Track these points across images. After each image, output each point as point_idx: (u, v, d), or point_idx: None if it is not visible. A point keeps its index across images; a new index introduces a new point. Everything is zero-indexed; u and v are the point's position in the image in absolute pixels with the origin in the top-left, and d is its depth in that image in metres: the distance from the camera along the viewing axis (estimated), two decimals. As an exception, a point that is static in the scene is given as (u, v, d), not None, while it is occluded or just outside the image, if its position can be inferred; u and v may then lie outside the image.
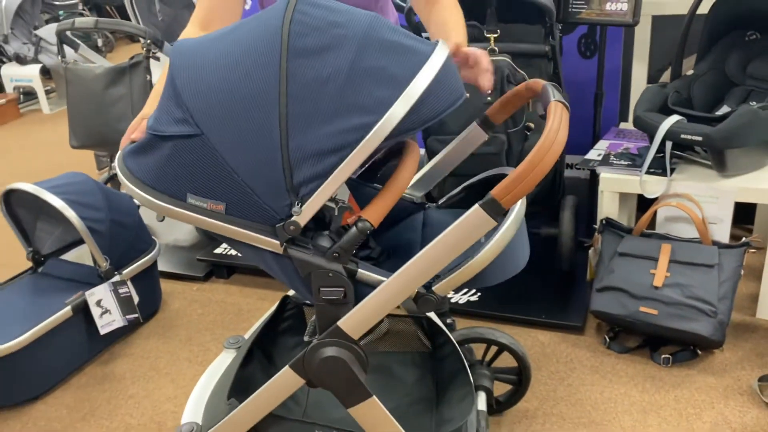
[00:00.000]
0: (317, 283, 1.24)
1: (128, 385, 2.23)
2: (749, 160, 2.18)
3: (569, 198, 2.55)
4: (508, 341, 1.85)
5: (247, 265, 2.80)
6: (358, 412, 1.36)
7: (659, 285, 2.07)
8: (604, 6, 2.37)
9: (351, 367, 1.30)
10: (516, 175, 1.07)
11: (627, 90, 2.91)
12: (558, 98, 1.15)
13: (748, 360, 2.10)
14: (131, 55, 2.71)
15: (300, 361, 1.33)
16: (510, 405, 1.95)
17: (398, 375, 1.76)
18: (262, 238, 1.23)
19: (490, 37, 2.19)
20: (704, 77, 2.41)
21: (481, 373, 1.81)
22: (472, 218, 1.11)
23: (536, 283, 2.51)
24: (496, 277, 1.27)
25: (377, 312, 1.25)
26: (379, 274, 1.25)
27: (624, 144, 2.52)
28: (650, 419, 1.91)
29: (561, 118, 1.09)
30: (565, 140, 1.09)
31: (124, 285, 2.34)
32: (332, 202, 1.28)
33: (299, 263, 1.23)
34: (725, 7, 2.34)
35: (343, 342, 1.29)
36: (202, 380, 1.67)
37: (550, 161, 1.06)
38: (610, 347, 2.20)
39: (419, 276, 1.19)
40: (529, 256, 1.36)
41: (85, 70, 2.70)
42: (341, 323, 1.27)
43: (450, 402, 1.60)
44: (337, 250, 1.21)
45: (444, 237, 1.15)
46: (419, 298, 1.24)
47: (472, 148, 1.55)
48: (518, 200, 1.11)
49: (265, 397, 1.39)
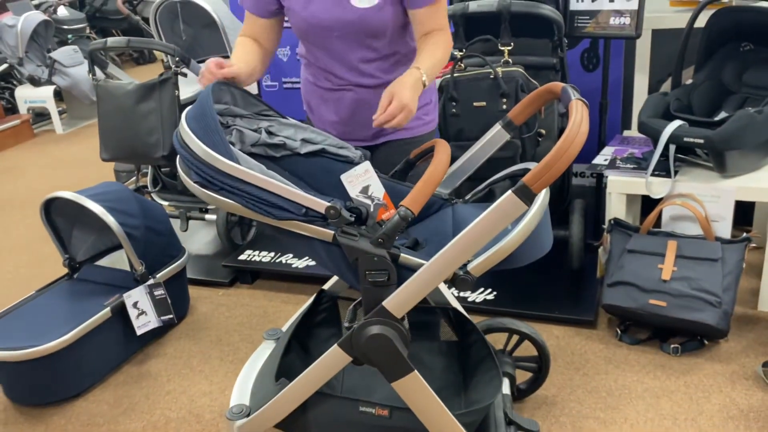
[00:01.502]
0: (364, 267, 1.38)
1: (164, 383, 2.35)
2: (747, 162, 2.34)
3: (577, 202, 2.70)
4: (529, 331, 1.98)
5: (271, 269, 2.92)
6: (401, 386, 1.48)
7: (667, 278, 2.20)
8: (608, 20, 2.54)
9: (395, 343, 1.43)
10: (545, 162, 1.21)
11: (629, 100, 3.06)
12: (578, 97, 1.29)
13: (752, 348, 2.23)
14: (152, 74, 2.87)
15: (348, 340, 1.46)
16: (530, 392, 2.07)
17: (427, 363, 1.88)
18: (314, 228, 1.37)
19: (504, 50, 2.35)
20: (703, 86, 2.56)
21: (504, 361, 1.94)
22: (506, 203, 1.25)
23: (549, 281, 2.65)
24: (525, 258, 1.40)
25: (419, 292, 1.39)
26: (420, 258, 1.38)
27: (629, 150, 2.67)
28: (662, 403, 2.03)
29: (582, 114, 1.24)
30: (587, 132, 1.23)
31: (159, 287, 2.46)
32: (368, 199, 1.43)
33: (348, 249, 1.37)
34: (721, 21, 2.50)
35: (388, 321, 1.42)
36: (245, 367, 1.79)
37: (575, 150, 1.20)
38: (621, 339, 2.33)
39: (458, 257, 1.33)
40: (552, 240, 1.49)
41: (116, 86, 2.84)
42: (386, 303, 1.41)
43: (477, 385, 1.72)
44: (381, 236, 1.35)
45: (480, 221, 1.28)
46: (456, 278, 1.37)
47: (495, 147, 1.69)
48: (547, 186, 1.24)
49: (314, 375, 1.52)
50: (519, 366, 2.02)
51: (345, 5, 1.73)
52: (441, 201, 1.73)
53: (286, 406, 1.56)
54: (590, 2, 2.58)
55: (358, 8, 1.73)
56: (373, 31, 1.77)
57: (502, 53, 2.35)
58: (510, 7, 2.32)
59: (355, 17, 1.74)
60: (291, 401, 1.55)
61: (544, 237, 1.45)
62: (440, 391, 1.78)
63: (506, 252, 1.34)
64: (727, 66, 2.59)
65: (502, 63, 2.32)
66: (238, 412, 1.62)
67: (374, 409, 1.55)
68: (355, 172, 1.45)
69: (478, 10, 2.38)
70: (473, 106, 2.31)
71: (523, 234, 1.34)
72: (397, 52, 1.85)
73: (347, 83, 1.87)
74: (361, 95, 1.87)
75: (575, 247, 2.61)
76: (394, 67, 1.86)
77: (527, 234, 1.34)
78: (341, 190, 1.47)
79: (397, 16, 1.77)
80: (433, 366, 1.88)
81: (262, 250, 3.04)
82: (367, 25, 1.75)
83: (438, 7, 1.76)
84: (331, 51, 1.83)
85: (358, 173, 1.45)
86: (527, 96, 1.60)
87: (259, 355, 1.83)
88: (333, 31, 1.78)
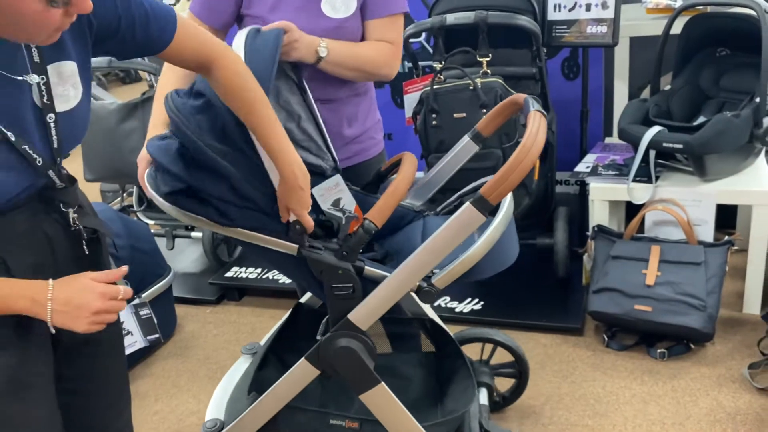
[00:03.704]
0: (329, 280, 1.39)
1: (152, 403, 2.33)
2: (727, 165, 2.36)
3: (561, 209, 2.72)
4: (501, 338, 1.98)
5: (258, 286, 2.91)
6: (368, 398, 1.49)
7: (651, 283, 2.21)
8: (585, 29, 2.57)
9: (361, 355, 1.44)
10: (501, 174, 1.21)
11: (610, 107, 3.09)
12: (537, 108, 1.30)
13: (738, 351, 2.24)
14: (137, 93, 2.87)
15: (315, 353, 1.47)
16: (515, 398, 2.06)
17: (405, 374, 1.88)
18: (279, 241, 1.37)
19: (483, 61, 2.36)
20: (681, 91, 2.59)
21: (481, 371, 1.94)
22: (465, 215, 1.26)
23: (535, 290, 2.66)
24: (490, 270, 1.40)
25: (383, 304, 1.40)
26: (384, 271, 1.39)
27: (610, 156, 2.69)
28: (650, 408, 2.03)
29: (539, 125, 1.24)
30: (543, 143, 1.23)
31: (144, 307, 2.44)
32: (340, 212, 1.43)
33: (312, 263, 1.37)
34: (696, 27, 2.53)
35: (353, 333, 1.43)
36: (222, 382, 1.80)
37: (530, 161, 1.20)
38: (608, 345, 2.33)
39: (419, 269, 1.34)
40: (518, 251, 1.48)
41: (99, 106, 2.84)
42: (351, 316, 1.42)
43: (453, 396, 1.72)
44: (345, 249, 1.35)
45: (440, 233, 1.29)
46: (420, 290, 1.37)
47: (465, 159, 1.68)
48: (503, 196, 1.24)
49: (283, 389, 1.53)
50: (499, 373, 2.01)
51: (319, 14, 1.65)
52: (413, 213, 1.72)
53: (258, 420, 1.57)
54: (568, 12, 2.61)
55: (335, 18, 1.66)
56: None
57: (481, 64, 2.37)
58: (487, 19, 2.34)
59: (332, 27, 1.66)
60: (262, 415, 1.56)
61: (509, 248, 1.45)
62: (417, 401, 1.79)
63: (470, 263, 1.34)
64: (705, 71, 2.62)
65: (481, 74, 2.34)
66: (212, 426, 1.64)
67: (344, 422, 1.56)
68: (327, 185, 1.46)
69: (456, 23, 2.39)
70: (454, 118, 2.32)
71: (487, 245, 1.33)
72: None
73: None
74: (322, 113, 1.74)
75: (560, 254, 2.62)
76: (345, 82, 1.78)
77: (491, 245, 1.33)
78: (313, 202, 1.47)
79: (359, 28, 1.72)
80: (410, 377, 1.88)
81: (248, 266, 3.03)
82: (344, 35, 1.68)
83: (393, 20, 1.71)
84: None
85: (329, 186, 1.46)
86: (494, 108, 1.60)
87: (236, 370, 1.84)
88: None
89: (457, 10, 2.44)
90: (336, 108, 1.77)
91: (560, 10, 2.61)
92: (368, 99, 1.86)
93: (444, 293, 2.68)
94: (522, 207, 2.51)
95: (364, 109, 1.84)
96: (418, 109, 2.42)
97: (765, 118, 2.26)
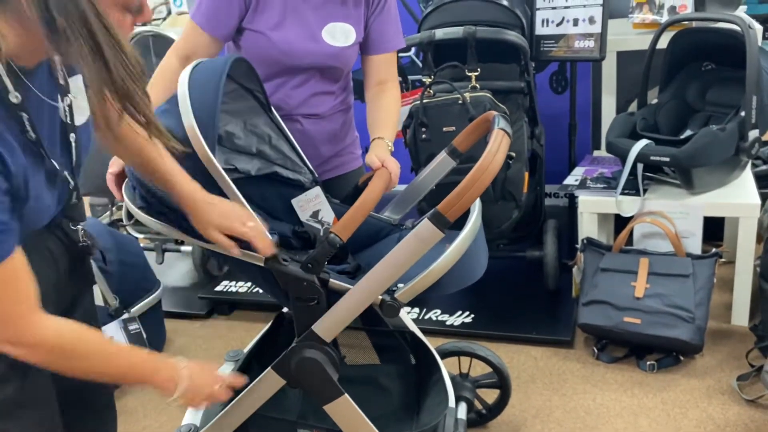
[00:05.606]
0: (294, 291, 1.39)
1: (140, 418, 2.31)
2: (714, 178, 2.38)
3: (551, 222, 2.73)
4: (479, 351, 1.97)
5: (248, 300, 2.90)
6: (332, 410, 1.49)
7: (640, 296, 2.23)
8: (572, 44, 2.59)
9: (324, 367, 1.44)
10: (457, 190, 1.20)
11: (598, 121, 3.12)
12: (502, 126, 1.29)
13: (727, 363, 2.25)
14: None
15: (281, 363, 1.47)
16: (500, 409, 2.04)
17: (384, 386, 1.88)
18: (247, 252, 1.37)
19: (471, 76, 2.38)
20: (668, 105, 2.62)
21: (463, 385, 1.92)
22: (422, 230, 1.24)
23: (525, 302, 2.66)
24: (455, 285, 1.39)
25: (346, 316, 1.40)
26: (348, 284, 1.39)
27: (599, 169, 2.71)
28: (640, 420, 2.04)
29: (500, 144, 1.23)
30: (502, 162, 1.22)
31: (133, 322, 2.43)
32: (318, 224, 1.43)
33: (278, 274, 1.38)
34: (682, 42, 2.57)
35: (317, 345, 1.43)
36: None
37: (487, 179, 1.19)
38: (599, 358, 2.34)
39: (380, 283, 1.33)
40: (486, 266, 1.46)
41: (87, 120, 2.84)
42: (315, 327, 1.42)
43: (429, 408, 1.73)
44: (310, 261, 1.35)
45: (399, 248, 1.29)
46: (383, 304, 1.36)
47: (442, 174, 1.68)
48: (460, 213, 1.23)
49: (250, 397, 1.53)
50: (481, 385, 1.99)
51: (319, 41, 1.72)
52: (389, 227, 1.72)
53: (227, 427, 1.57)
54: (555, 27, 2.63)
55: (335, 46, 1.74)
56: (341, 69, 1.79)
57: (470, 79, 2.39)
58: (475, 34, 2.36)
59: (330, 53, 1.74)
60: (231, 421, 1.56)
61: (476, 263, 1.43)
62: (394, 413, 1.79)
63: (434, 278, 1.32)
64: (691, 85, 2.65)
65: (470, 88, 2.36)
66: (186, 431, 1.64)
67: (311, 431, 1.57)
68: (306, 197, 1.46)
69: (445, 38, 2.42)
70: (443, 131, 2.33)
71: (451, 260, 1.31)
72: (347, 87, 1.90)
73: (297, 114, 1.82)
74: (306, 126, 1.83)
75: (550, 267, 2.63)
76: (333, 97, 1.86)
77: (455, 259, 1.32)
78: (292, 213, 1.48)
79: (355, 56, 1.81)
80: (390, 389, 1.88)
81: (239, 280, 3.02)
82: (340, 62, 1.77)
83: (393, 56, 1.83)
84: (289, 81, 1.78)
85: (308, 198, 1.46)
86: (470, 124, 1.61)
87: None
88: (302, 62, 1.74)
89: (447, 25, 2.46)
90: (318, 122, 1.84)
91: (548, 25, 2.64)
92: (350, 116, 1.95)
93: (434, 306, 2.69)
94: (512, 219, 2.52)
95: (346, 124, 1.93)
96: (407, 122, 2.44)
97: (750, 131, 2.28)
